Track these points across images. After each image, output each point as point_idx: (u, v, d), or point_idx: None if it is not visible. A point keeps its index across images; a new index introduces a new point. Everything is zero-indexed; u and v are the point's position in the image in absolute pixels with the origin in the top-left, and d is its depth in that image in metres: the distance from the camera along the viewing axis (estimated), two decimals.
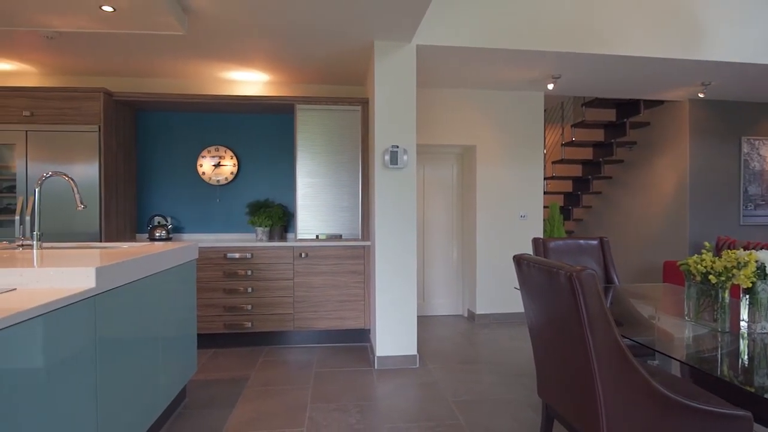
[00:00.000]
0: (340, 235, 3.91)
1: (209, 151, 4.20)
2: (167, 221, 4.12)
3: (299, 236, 3.86)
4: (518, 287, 1.93)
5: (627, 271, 5.82)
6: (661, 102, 5.30)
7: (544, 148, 5.43)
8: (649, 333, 1.87)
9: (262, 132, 4.30)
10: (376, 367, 3.35)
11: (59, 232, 3.53)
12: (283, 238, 4.14)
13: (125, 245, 2.65)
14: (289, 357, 3.58)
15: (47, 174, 2.35)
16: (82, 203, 2.36)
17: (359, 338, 3.93)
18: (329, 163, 3.90)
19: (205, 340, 3.79)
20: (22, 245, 2.39)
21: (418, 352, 3.56)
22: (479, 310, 4.67)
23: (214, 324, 3.71)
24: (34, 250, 2.24)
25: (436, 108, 4.59)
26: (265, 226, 3.95)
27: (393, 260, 3.38)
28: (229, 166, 4.22)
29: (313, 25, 3.02)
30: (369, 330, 3.89)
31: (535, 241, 3.03)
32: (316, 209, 3.90)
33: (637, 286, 2.91)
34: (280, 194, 4.32)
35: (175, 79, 4.25)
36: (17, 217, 2.49)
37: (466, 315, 4.91)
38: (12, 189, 3.62)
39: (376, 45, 3.33)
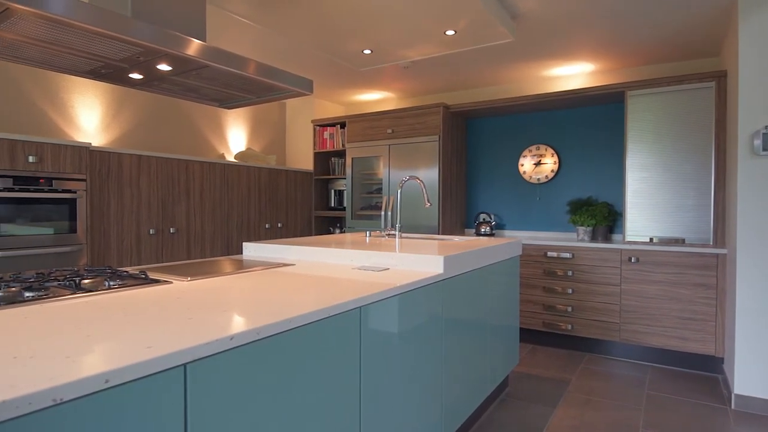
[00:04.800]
0: (683, 239, 3.30)
1: (530, 150, 4.28)
2: (491, 218, 4.44)
3: (628, 238, 3.47)
4: None
5: None
6: None
7: None
8: None
9: (585, 126, 4.07)
10: (732, 407, 2.67)
11: (409, 224, 4.32)
12: (607, 239, 3.81)
13: (456, 238, 3.00)
14: (613, 369, 3.27)
15: (405, 178, 2.90)
16: (428, 201, 2.81)
17: (706, 366, 3.22)
18: (668, 154, 3.34)
19: (525, 335, 3.89)
20: (388, 234, 3.03)
21: None
22: None
23: (533, 320, 3.77)
24: (396, 239, 2.81)
25: None
26: (588, 226, 3.73)
27: (766, 276, 2.61)
28: (550, 163, 4.19)
29: None
30: (722, 359, 3.14)
31: None
32: (649, 208, 3.41)
33: None
34: (605, 191, 3.99)
35: (499, 86, 4.53)
36: (382, 213, 3.18)
37: None
38: (379, 191, 4.66)
39: (741, 0, 2.64)
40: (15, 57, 1.69)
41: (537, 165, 4.25)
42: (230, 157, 4.59)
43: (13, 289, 1.29)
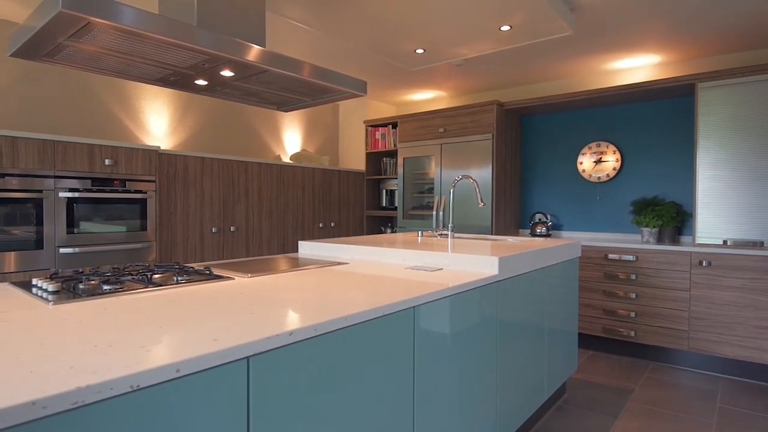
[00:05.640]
0: (761, 242, 3.04)
1: (590, 148, 4.11)
2: (547, 218, 4.30)
3: (698, 240, 3.24)
4: None
5: None
6: None
7: None
8: None
9: (650, 121, 3.85)
10: None
11: (461, 224, 4.27)
12: (675, 241, 3.58)
13: (510, 239, 2.93)
14: (680, 380, 3.07)
15: (458, 177, 2.86)
16: (481, 201, 2.76)
17: None
18: (744, 151, 3.09)
19: (584, 340, 3.74)
20: (440, 234, 3.01)
21: None
22: None
23: (593, 325, 3.61)
24: (449, 239, 2.78)
25: None
26: (653, 227, 3.52)
27: None
28: (611, 161, 3.99)
29: None
30: None
31: None
32: (723, 208, 3.17)
33: None
34: (672, 190, 3.75)
35: (556, 81, 4.37)
36: (434, 212, 3.15)
37: None
38: (431, 190, 4.63)
39: None
40: (95, 68, 1.83)
41: (597, 163, 4.07)
42: (286, 158, 4.73)
43: (93, 282, 1.40)
